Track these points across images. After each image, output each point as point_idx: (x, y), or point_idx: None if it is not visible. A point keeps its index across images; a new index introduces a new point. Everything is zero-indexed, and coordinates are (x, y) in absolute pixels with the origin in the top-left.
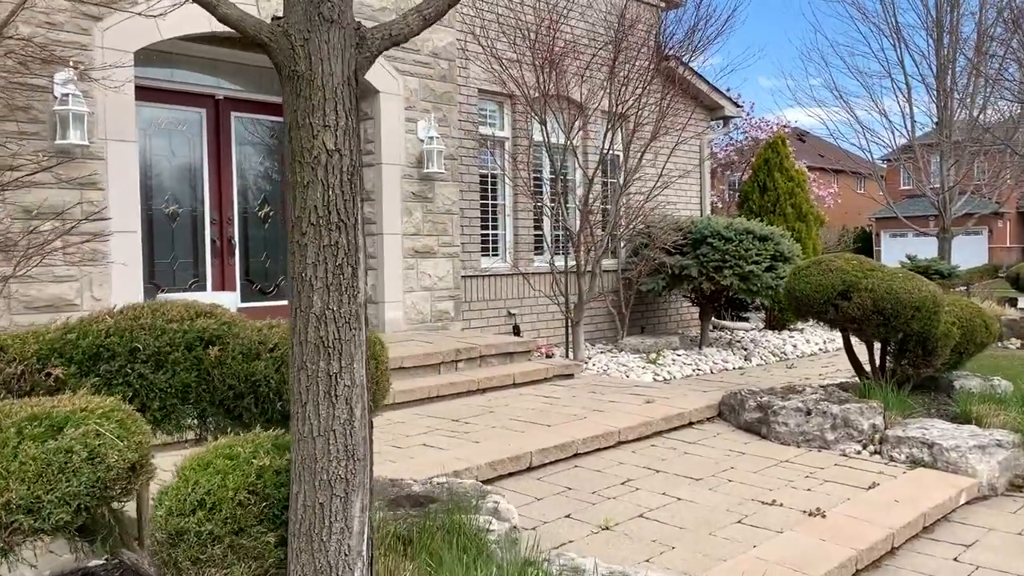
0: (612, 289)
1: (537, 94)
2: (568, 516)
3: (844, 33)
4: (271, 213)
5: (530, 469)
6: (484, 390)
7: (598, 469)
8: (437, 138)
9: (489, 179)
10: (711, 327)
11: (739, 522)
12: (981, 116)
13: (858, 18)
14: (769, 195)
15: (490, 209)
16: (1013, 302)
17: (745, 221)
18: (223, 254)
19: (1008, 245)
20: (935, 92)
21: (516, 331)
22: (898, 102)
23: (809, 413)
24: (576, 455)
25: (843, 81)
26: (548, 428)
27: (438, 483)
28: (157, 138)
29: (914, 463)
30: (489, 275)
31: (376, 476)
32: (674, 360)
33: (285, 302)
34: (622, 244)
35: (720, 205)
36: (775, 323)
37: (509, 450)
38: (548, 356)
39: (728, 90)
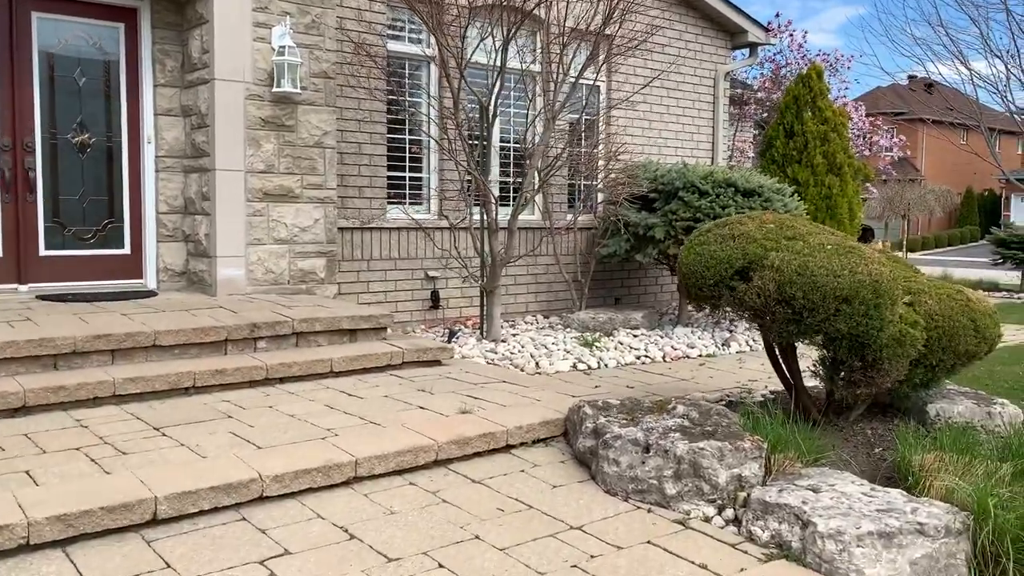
0: (575, 251)
1: None
2: None
3: None
4: (91, 140)
5: (153, 523)
6: (276, 380)
7: (265, 528)
8: (291, 47)
9: (407, 109)
10: None
11: None
12: None
13: None
14: (796, 140)
15: (407, 147)
16: None
17: (728, 171)
18: (16, 189)
19: None
20: None
21: (435, 299)
22: (1012, 34)
23: (647, 450)
24: (261, 499)
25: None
26: (256, 452)
27: None
28: None
29: (779, 548)
30: (397, 228)
31: None
32: (620, 343)
33: (110, 251)
34: (598, 197)
35: (753, 155)
36: None
37: (125, 493)
38: (452, 334)
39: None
